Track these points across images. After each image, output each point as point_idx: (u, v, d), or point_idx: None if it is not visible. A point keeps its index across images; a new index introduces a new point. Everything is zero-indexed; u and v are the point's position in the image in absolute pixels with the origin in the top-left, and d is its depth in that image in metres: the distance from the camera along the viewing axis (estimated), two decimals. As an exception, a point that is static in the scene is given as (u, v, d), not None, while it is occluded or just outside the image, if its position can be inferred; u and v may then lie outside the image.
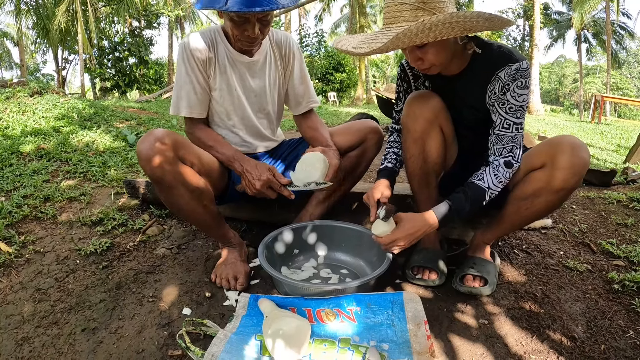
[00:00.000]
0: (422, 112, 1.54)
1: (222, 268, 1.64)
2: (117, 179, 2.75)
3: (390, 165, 1.72)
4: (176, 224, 2.14)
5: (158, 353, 1.26)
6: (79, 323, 1.41)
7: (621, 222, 2.17)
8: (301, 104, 1.92)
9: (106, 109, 5.21)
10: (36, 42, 20.19)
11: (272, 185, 1.58)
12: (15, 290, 1.59)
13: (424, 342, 1.22)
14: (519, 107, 1.41)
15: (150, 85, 19.24)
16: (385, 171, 1.70)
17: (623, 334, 1.32)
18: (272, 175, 1.57)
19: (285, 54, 1.85)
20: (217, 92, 1.74)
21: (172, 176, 1.46)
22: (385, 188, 1.59)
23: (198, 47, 1.66)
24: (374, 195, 1.56)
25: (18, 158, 3.05)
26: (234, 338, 1.27)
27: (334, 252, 1.83)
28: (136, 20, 18.77)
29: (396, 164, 1.73)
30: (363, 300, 1.37)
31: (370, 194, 1.57)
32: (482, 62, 1.46)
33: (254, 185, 1.56)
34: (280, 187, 1.58)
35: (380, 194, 1.56)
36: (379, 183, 1.62)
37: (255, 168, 1.59)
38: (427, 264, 1.64)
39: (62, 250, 1.87)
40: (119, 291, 1.59)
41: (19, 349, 1.29)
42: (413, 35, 1.21)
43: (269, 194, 1.59)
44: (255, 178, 1.56)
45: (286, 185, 1.58)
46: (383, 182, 1.62)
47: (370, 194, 1.57)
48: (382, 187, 1.59)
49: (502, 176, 1.42)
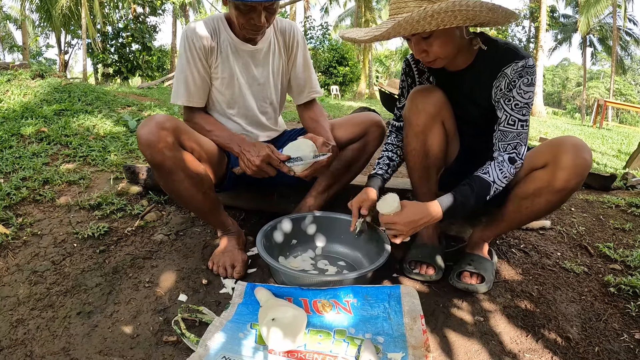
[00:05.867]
0: (425, 106, 1.54)
1: (220, 256, 1.64)
2: (117, 164, 2.74)
3: (380, 172, 1.71)
4: (175, 210, 2.14)
5: (153, 338, 1.26)
6: (75, 306, 1.40)
7: (619, 227, 2.17)
8: (303, 93, 1.91)
9: (108, 94, 5.18)
10: (40, 26, 20.08)
11: (271, 162, 1.55)
12: (12, 272, 1.58)
13: (419, 337, 1.22)
14: (524, 104, 1.41)
15: (152, 72, 19.16)
16: (374, 178, 1.70)
17: (617, 337, 1.33)
18: (271, 152, 1.56)
19: (289, 42, 1.84)
20: (218, 81, 1.74)
21: (172, 162, 1.45)
22: (369, 196, 1.61)
23: (201, 36, 1.65)
24: (354, 204, 1.60)
25: (18, 140, 3.04)
26: (229, 326, 1.27)
27: (332, 244, 1.83)
28: (140, 6, 18.64)
29: (387, 170, 1.73)
30: (360, 292, 1.37)
31: (354, 202, 1.61)
32: (487, 58, 1.46)
33: (253, 162, 1.54)
34: (280, 163, 1.56)
35: (360, 204, 1.59)
36: (365, 191, 1.64)
37: (254, 146, 1.58)
38: (425, 259, 1.64)
39: (60, 234, 1.86)
40: (115, 276, 1.59)
41: (14, 331, 1.28)
42: (415, 22, 1.22)
43: (268, 171, 1.57)
44: (254, 155, 1.54)
45: (285, 161, 1.57)
46: (368, 190, 1.64)
47: (353, 201, 1.61)
48: (365, 195, 1.62)
49: (507, 171, 1.42)
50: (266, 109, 1.88)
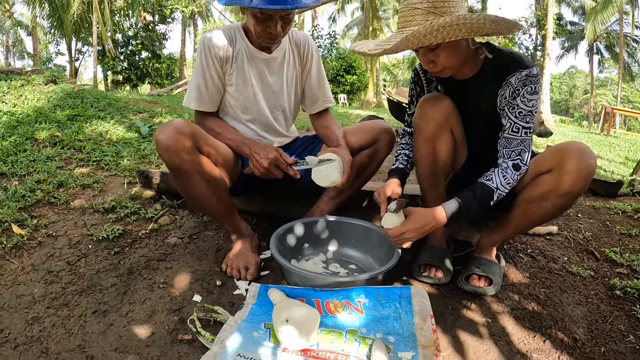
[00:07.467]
0: (434, 114, 1.58)
1: (233, 258, 1.68)
2: (130, 169, 2.79)
3: (401, 165, 1.75)
4: (188, 214, 2.18)
5: (168, 337, 1.30)
6: (90, 305, 1.43)
7: (625, 232, 2.19)
8: (317, 103, 1.96)
9: (119, 101, 5.26)
10: (50, 32, 20.32)
11: (278, 164, 1.62)
12: (27, 272, 1.62)
13: (429, 336, 1.25)
14: (528, 111, 1.44)
15: (162, 80, 19.32)
16: (396, 171, 1.73)
17: (623, 338, 1.35)
18: (279, 155, 1.61)
19: (303, 54, 1.89)
20: (233, 87, 1.79)
21: (189, 165, 1.50)
22: (395, 186, 1.63)
23: (218, 45, 1.71)
24: (385, 191, 1.60)
25: (32, 144, 3.10)
26: (243, 325, 1.30)
27: (343, 248, 1.86)
28: (150, 14, 18.85)
29: (407, 165, 1.77)
30: (372, 293, 1.40)
31: (382, 191, 1.61)
32: (493, 67, 1.50)
33: (261, 164, 1.61)
34: (287, 166, 1.62)
35: (391, 191, 1.60)
36: (390, 182, 1.66)
37: (263, 149, 1.64)
38: (434, 262, 1.67)
39: (74, 235, 1.91)
40: (130, 276, 1.62)
41: (29, 328, 1.31)
42: (422, 36, 1.27)
43: (275, 173, 1.63)
44: (262, 157, 1.61)
45: (292, 165, 1.62)
46: (394, 181, 1.66)
47: (381, 190, 1.61)
48: (392, 185, 1.63)
49: (510, 178, 1.46)
50: (279, 116, 1.93)
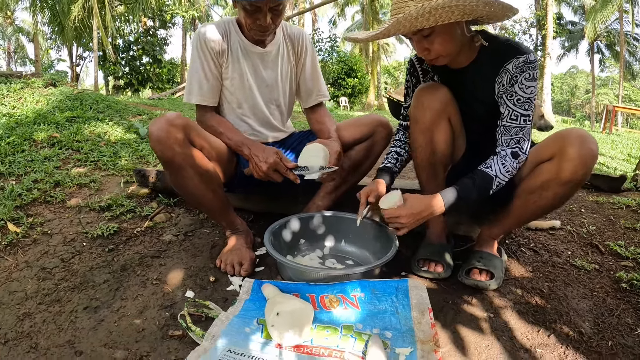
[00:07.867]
0: (431, 103, 1.54)
1: (228, 254, 1.65)
2: (127, 169, 2.77)
3: (389, 164, 1.72)
4: (184, 212, 2.15)
5: (158, 332, 1.27)
6: (82, 301, 1.41)
7: (630, 226, 2.15)
8: (311, 97, 1.94)
9: (118, 103, 5.25)
10: (51, 38, 20.42)
11: (278, 168, 1.58)
12: (21, 269, 1.60)
13: (428, 331, 1.21)
14: (526, 99, 1.41)
15: (163, 85, 19.37)
16: (383, 170, 1.71)
17: (631, 331, 1.30)
18: (279, 159, 1.58)
19: (297, 48, 1.87)
20: (228, 81, 1.77)
21: (181, 158, 1.47)
22: (380, 187, 1.61)
23: (212, 38, 1.70)
24: (366, 193, 1.60)
25: (30, 145, 3.08)
26: (236, 320, 1.27)
27: (340, 243, 1.82)
28: (151, 19, 18.91)
29: (396, 164, 1.74)
30: (367, 286, 1.36)
31: (363, 192, 1.61)
32: (490, 54, 1.47)
33: (260, 167, 1.57)
34: (287, 170, 1.58)
35: (368, 193, 1.59)
36: (375, 182, 1.64)
37: (263, 151, 1.60)
38: (434, 257, 1.63)
39: (69, 233, 1.88)
40: (123, 273, 1.59)
41: (20, 324, 1.30)
42: (413, 19, 1.25)
43: (275, 178, 1.59)
44: (262, 160, 1.57)
45: (292, 169, 1.58)
46: (379, 182, 1.64)
47: (362, 192, 1.62)
48: (377, 185, 1.62)
49: (510, 166, 1.42)
50: (274, 110, 1.91)
